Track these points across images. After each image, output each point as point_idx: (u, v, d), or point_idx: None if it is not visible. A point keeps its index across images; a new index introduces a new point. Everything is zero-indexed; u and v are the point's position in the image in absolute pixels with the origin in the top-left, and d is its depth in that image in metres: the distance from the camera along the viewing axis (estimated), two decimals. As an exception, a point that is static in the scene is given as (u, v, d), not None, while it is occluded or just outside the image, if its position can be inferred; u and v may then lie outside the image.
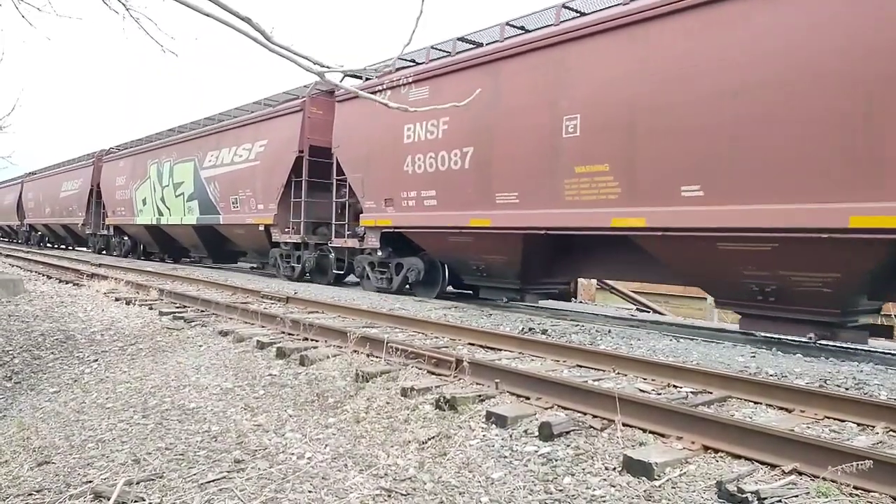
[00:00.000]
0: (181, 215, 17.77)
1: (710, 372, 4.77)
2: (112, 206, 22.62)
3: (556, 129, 7.99)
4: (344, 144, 11.83)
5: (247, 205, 14.78)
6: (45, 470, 4.00)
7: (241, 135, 15.24)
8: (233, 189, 15.27)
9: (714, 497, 2.80)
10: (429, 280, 10.74)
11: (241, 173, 14.97)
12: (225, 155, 15.73)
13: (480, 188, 9.08)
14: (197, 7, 2.57)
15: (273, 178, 13.80)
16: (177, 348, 6.75)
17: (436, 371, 4.96)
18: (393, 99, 10.01)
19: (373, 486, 3.23)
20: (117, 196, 22.15)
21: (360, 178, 11.37)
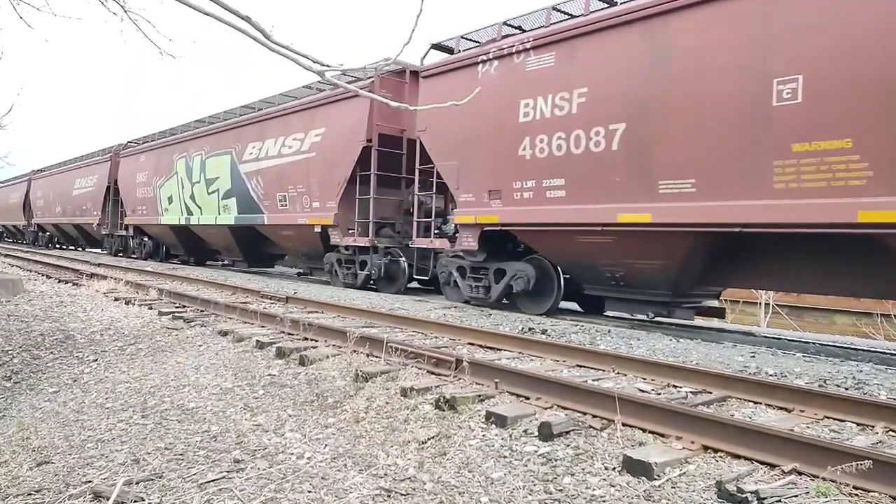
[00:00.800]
0: (215, 215, 16.09)
1: (709, 372, 4.77)
2: (132, 204, 20.95)
3: (762, 95, 6.21)
4: (432, 127, 9.96)
5: (298, 203, 13.03)
6: (44, 470, 4.00)
7: (291, 123, 13.31)
8: (280, 185, 13.54)
9: (714, 497, 2.80)
10: (538, 290, 8.89)
11: (292, 167, 13.17)
12: (270, 146, 13.83)
13: (635, 175, 7.26)
14: (197, 6, 2.57)
15: (333, 173, 12.02)
16: (176, 348, 6.75)
17: (435, 371, 4.96)
18: (502, 71, 8.75)
19: (372, 485, 3.23)
20: (138, 194, 20.41)
21: (453, 166, 9.58)
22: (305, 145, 12.85)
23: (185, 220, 17.63)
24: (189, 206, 17.42)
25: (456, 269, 9.89)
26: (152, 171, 19.54)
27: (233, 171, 15.23)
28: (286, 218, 13.52)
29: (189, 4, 2.55)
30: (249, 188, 14.59)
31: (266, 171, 14.07)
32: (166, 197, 18.64)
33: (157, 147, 19.52)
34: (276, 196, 13.75)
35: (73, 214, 25.84)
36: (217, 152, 16.06)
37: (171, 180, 18.43)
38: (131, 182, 21.00)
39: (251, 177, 14.56)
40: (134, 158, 21.14)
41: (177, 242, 19.31)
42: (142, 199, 20.22)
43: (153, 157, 19.66)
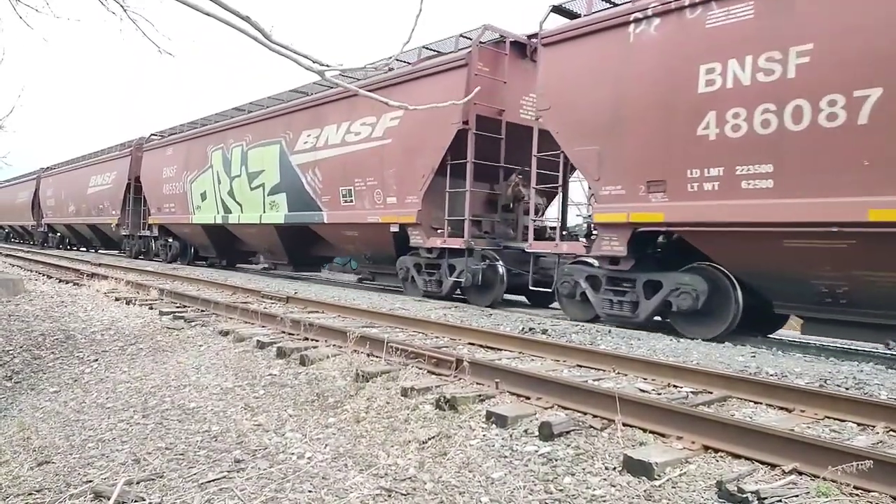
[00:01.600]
0: (259, 213, 14.33)
1: (710, 372, 4.77)
2: (157, 202, 19.16)
3: None
4: (561, 105, 8.30)
5: (368, 198, 11.31)
6: (45, 469, 4.00)
7: (358, 106, 11.43)
8: (344, 178, 11.79)
9: (714, 497, 2.80)
10: (707, 309, 7.10)
11: (360, 157, 11.40)
12: (330, 134, 12.02)
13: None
14: (197, 6, 2.57)
15: (417, 162, 10.30)
16: (177, 348, 6.75)
17: (436, 371, 4.95)
18: (668, 29, 7.16)
19: (373, 485, 3.23)
20: (164, 190, 18.58)
21: (591, 152, 7.84)
22: (378, 131, 11.05)
23: (221, 218, 15.85)
24: (227, 203, 15.64)
25: (585, 279, 8.11)
26: (182, 165, 17.71)
27: (282, 163, 13.44)
28: (351, 216, 11.75)
29: (188, 4, 2.56)
30: (304, 182, 12.80)
31: (325, 162, 12.27)
32: (199, 193, 16.89)
33: (188, 138, 17.64)
34: (339, 191, 11.92)
35: (89, 214, 24.24)
36: (262, 142, 14.22)
37: (204, 174, 16.60)
38: (156, 178, 19.17)
39: (306, 169, 12.76)
40: (159, 152, 19.27)
41: (208, 243, 17.59)
42: (169, 196, 18.47)
43: (183, 149, 17.83)
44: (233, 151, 15.34)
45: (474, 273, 9.73)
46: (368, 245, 12.00)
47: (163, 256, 19.89)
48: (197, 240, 18.24)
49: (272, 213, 13.97)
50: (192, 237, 18.33)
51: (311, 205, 12.79)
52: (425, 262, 10.65)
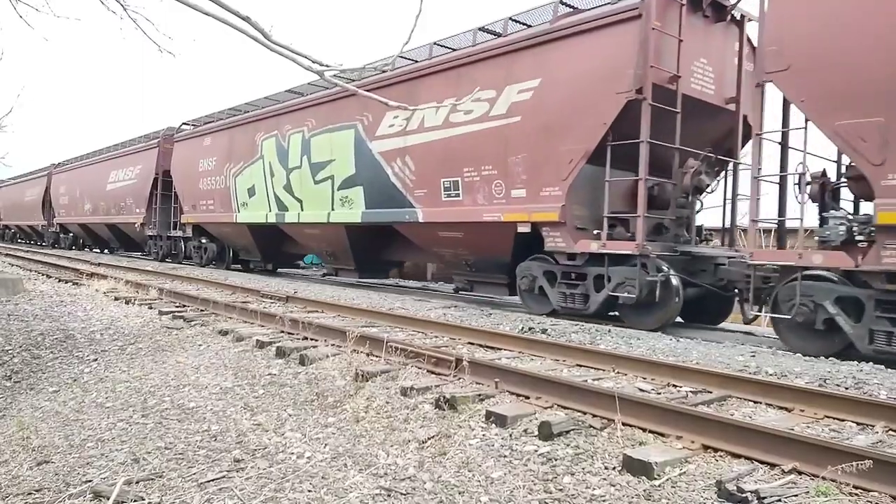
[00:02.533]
0: (326, 210, 12.27)
1: (709, 371, 4.77)
2: (192, 199, 16.98)
3: None
4: (810, 62, 6.18)
5: (482, 191, 9.27)
6: (44, 469, 4.00)
7: (470, 78, 9.36)
8: (448, 167, 9.73)
9: (714, 496, 2.80)
10: None
11: (472, 140, 9.32)
12: (428, 114, 9.90)
13: None
14: (197, 6, 2.57)
15: (560, 145, 8.19)
16: (176, 348, 6.75)
17: (435, 370, 4.96)
18: None
19: (372, 485, 3.23)
20: (202, 185, 16.37)
21: (871, 126, 5.77)
22: (500, 107, 8.95)
23: (275, 217, 13.81)
24: (282, 199, 13.57)
25: (833, 302, 6.16)
26: (223, 157, 15.52)
27: (358, 152, 11.38)
28: (457, 213, 9.67)
29: (188, 4, 2.55)
30: (389, 173, 10.75)
31: (420, 148, 10.18)
32: (245, 188, 14.76)
33: (231, 126, 15.40)
34: (440, 183, 9.88)
35: (108, 213, 22.11)
36: (330, 127, 12.08)
37: (252, 167, 14.46)
38: (191, 171, 16.93)
39: (391, 158, 10.70)
40: (194, 142, 17.03)
41: (253, 245, 15.43)
42: (207, 192, 16.22)
43: (224, 138, 15.68)
44: (290, 139, 13.14)
45: (649, 287, 7.47)
46: (475, 249, 9.86)
47: (197, 259, 17.75)
48: (239, 241, 15.94)
49: (344, 211, 11.85)
50: (234, 238, 16.07)
51: (397, 200, 10.64)
52: (563, 270, 8.45)
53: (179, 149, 17.94)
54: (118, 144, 22.74)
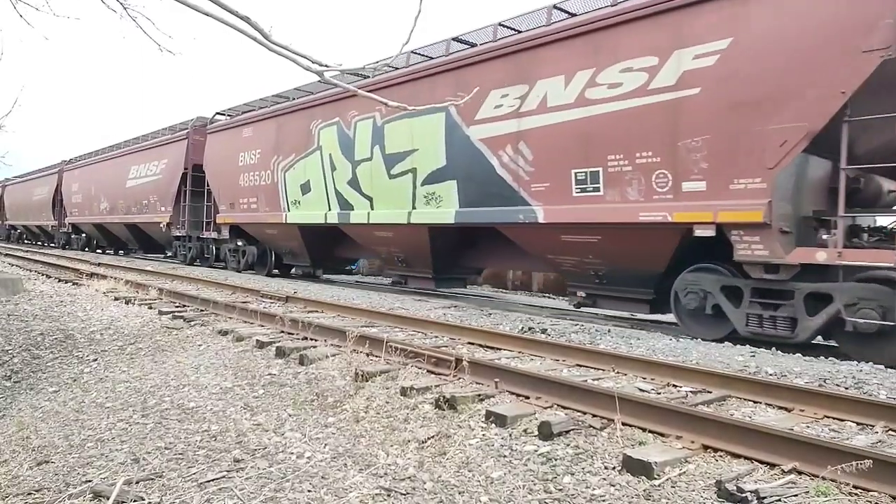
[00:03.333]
0: (405, 209, 10.44)
1: (709, 371, 4.78)
2: (229, 196, 15.17)
3: None
4: None
5: (637, 185, 7.33)
6: (44, 469, 4.00)
7: (612, 44, 7.57)
8: (582, 154, 7.86)
9: (713, 496, 2.80)
10: None
11: (621, 120, 7.43)
12: (553, 90, 8.11)
13: None
14: (196, 6, 2.57)
15: (764, 123, 6.39)
16: (176, 348, 6.75)
17: (435, 370, 4.96)
18: None
19: (372, 485, 3.23)
20: (242, 181, 14.57)
21: None
22: (666, 77, 7.03)
23: (337, 217, 11.93)
24: (346, 195, 11.72)
25: None
26: (269, 149, 13.71)
27: (451, 139, 9.60)
28: (597, 211, 7.74)
29: (188, 4, 2.55)
30: (494, 164, 8.92)
31: (540, 132, 8.33)
32: (297, 185, 12.95)
33: (279, 114, 13.58)
34: (570, 175, 7.98)
35: (128, 212, 20.24)
36: (411, 113, 9.95)
37: (307, 160, 12.62)
38: (229, 166, 15.07)
39: (498, 145, 8.89)
40: (232, 134, 15.16)
41: (302, 249, 13.65)
42: (248, 189, 14.40)
43: (270, 128, 13.83)
44: (357, 127, 11.35)
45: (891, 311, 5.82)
46: (612, 256, 7.98)
47: (233, 264, 15.85)
48: (286, 244, 14.11)
49: (429, 210, 10.07)
50: (280, 241, 14.18)
51: (506, 197, 8.83)
52: (754, 286, 6.75)
53: (214, 141, 15.94)
54: (139, 137, 20.72)
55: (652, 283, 7.83)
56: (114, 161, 21.93)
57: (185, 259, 17.96)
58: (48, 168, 29.31)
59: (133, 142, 21.13)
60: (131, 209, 20.24)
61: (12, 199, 34.69)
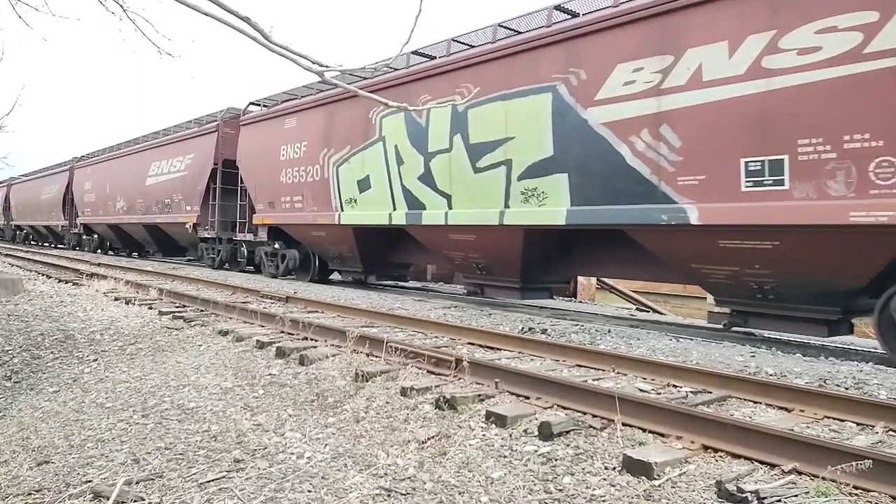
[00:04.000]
0: (495, 207, 8.88)
1: (709, 371, 4.77)
2: (269, 194, 13.67)
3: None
4: None
5: (836, 176, 5.89)
6: (44, 469, 4.00)
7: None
8: (757, 139, 6.36)
9: (714, 496, 2.80)
10: None
11: (810, 96, 6.01)
12: (709, 60, 6.68)
13: None
14: (196, 7, 2.57)
15: None
16: (176, 348, 6.75)
17: (435, 371, 4.96)
18: None
19: (372, 485, 3.23)
20: (284, 178, 13.03)
21: None
22: (890, 38, 5.62)
23: (405, 217, 10.29)
24: (416, 193, 10.11)
25: None
26: (318, 141, 12.15)
27: (561, 124, 8.08)
28: (779, 211, 6.21)
29: (188, 4, 2.56)
30: (624, 153, 7.39)
31: (692, 112, 6.83)
32: (353, 181, 11.33)
33: (329, 101, 12.00)
34: (738, 164, 6.50)
35: (147, 211, 18.91)
36: (504, 93, 8.76)
37: (366, 153, 11.03)
38: (268, 161, 13.54)
39: (629, 130, 7.35)
40: (272, 125, 13.63)
41: (353, 253, 12.02)
42: (292, 187, 12.87)
43: (318, 118, 12.25)
44: (430, 115, 9.83)
45: None
46: (792, 266, 6.44)
47: (270, 269, 14.18)
48: (335, 248, 12.49)
49: (529, 209, 8.51)
50: (329, 244, 12.55)
51: (642, 193, 7.29)
52: None
53: (249, 133, 14.46)
54: (160, 132, 19.24)
55: (840, 300, 6.39)
56: (132, 157, 20.38)
57: (214, 263, 16.42)
58: (58, 166, 27.87)
59: (153, 136, 19.63)
60: (151, 209, 18.77)
61: (18, 198, 33.45)
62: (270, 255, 14.26)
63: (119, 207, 21.06)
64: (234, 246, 15.81)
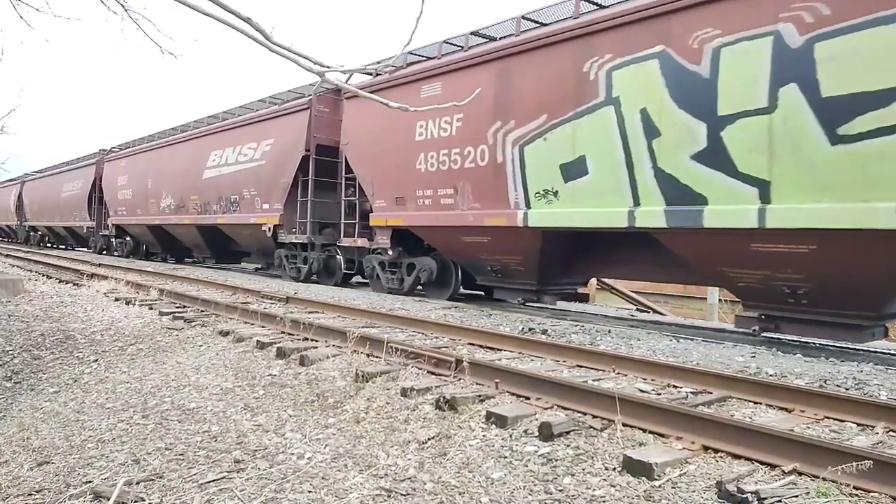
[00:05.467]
0: (882, 198, 5.48)
1: (709, 372, 4.77)
2: (393, 186, 10.44)
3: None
4: None
5: None
6: (44, 470, 4.01)
7: None
8: None
9: (714, 497, 2.80)
10: None
11: None
12: None
13: None
14: (197, 7, 2.57)
15: None
16: (177, 348, 6.75)
17: (436, 371, 4.96)
18: None
19: (373, 486, 3.23)
20: (421, 164, 9.83)
21: None
22: None
23: (663, 216, 6.97)
24: (689, 179, 6.77)
25: None
26: (485, 113, 8.79)
27: None
28: None
29: (189, 5, 2.56)
30: None
31: None
32: (553, 164, 8.06)
33: (502, 55, 8.75)
34: None
35: (205, 210, 15.80)
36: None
37: (580, 124, 7.73)
38: (394, 142, 10.32)
39: None
40: (398, 95, 9.96)
41: (530, 264, 8.86)
42: (436, 176, 9.65)
43: (484, 78, 8.81)
44: (722, 57, 6.49)
45: None
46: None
47: (391, 283, 11.01)
48: (504, 257, 9.17)
49: None
50: (489, 253, 9.26)
51: None
52: None
53: (359, 110, 11.17)
54: (219, 115, 16.15)
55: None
56: (183, 146, 17.15)
57: (299, 275, 13.06)
58: (83, 159, 24.98)
59: (211, 120, 16.35)
60: (210, 207, 15.59)
61: (33, 196, 30.03)
62: (390, 265, 11.05)
63: (164, 206, 17.85)
64: (330, 253, 12.78)
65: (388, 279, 11.15)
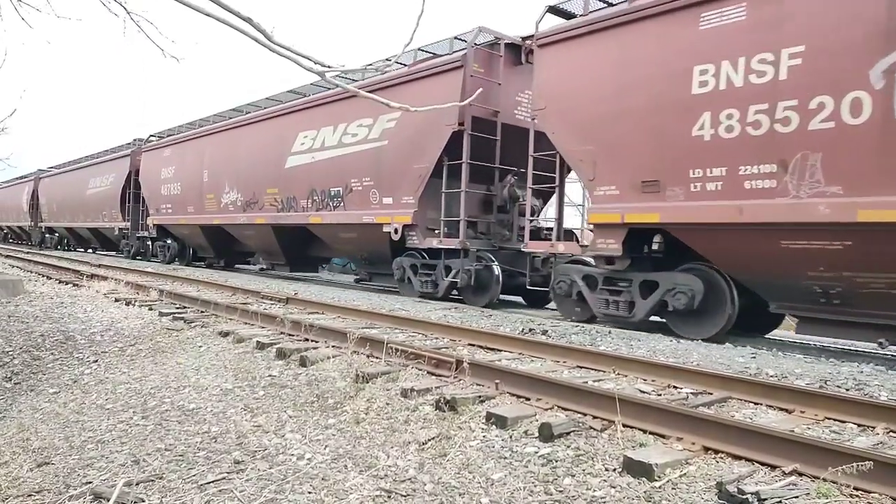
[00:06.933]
0: None
1: (710, 373, 4.77)
2: (668, 162, 7.03)
3: None
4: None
5: None
6: (44, 471, 4.00)
7: None
8: None
9: (714, 498, 2.80)
10: None
11: None
12: None
13: None
14: (198, 7, 2.57)
15: None
16: (176, 349, 6.75)
17: (436, 372, 4.95)
18: None
19: (373, 486, 3.23)
20: (705, 131, 6.63)
21: None
22: None
23: None
24: None
25: None
26: (853, 46, 5.65)
27: None
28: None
29: (190, 5, 2.56)
30: None
31: None
32: None
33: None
34: None
35: (290, 207, 12.92)
36: None
37: None
38: (647, 96, 7.23)
39: None
40: (667, 22, 7.04)
41: None
42: (754, 146, 6.32)
43: None
44: None
45: None
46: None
47: (618, 311, 7.86)
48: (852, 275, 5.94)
49: None
50: (833, 266, 5.99)
51: None
52: None
53: (567, 60, 8.22)
54: (307, 85, 13.25)
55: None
56: (256, 127, 13.96)
57: (437, 290, 10.26)
58: (113, 150, 22.27)
59: (294, 95, 13.39)
60: (297, 202, 12.62)
61: (51, 194, 27.02)
62: (605, 283, 8.02)
63: (227, 202, 14.87)
64: (486, 264, 9.92)
65: (615, 305, 7.93)
